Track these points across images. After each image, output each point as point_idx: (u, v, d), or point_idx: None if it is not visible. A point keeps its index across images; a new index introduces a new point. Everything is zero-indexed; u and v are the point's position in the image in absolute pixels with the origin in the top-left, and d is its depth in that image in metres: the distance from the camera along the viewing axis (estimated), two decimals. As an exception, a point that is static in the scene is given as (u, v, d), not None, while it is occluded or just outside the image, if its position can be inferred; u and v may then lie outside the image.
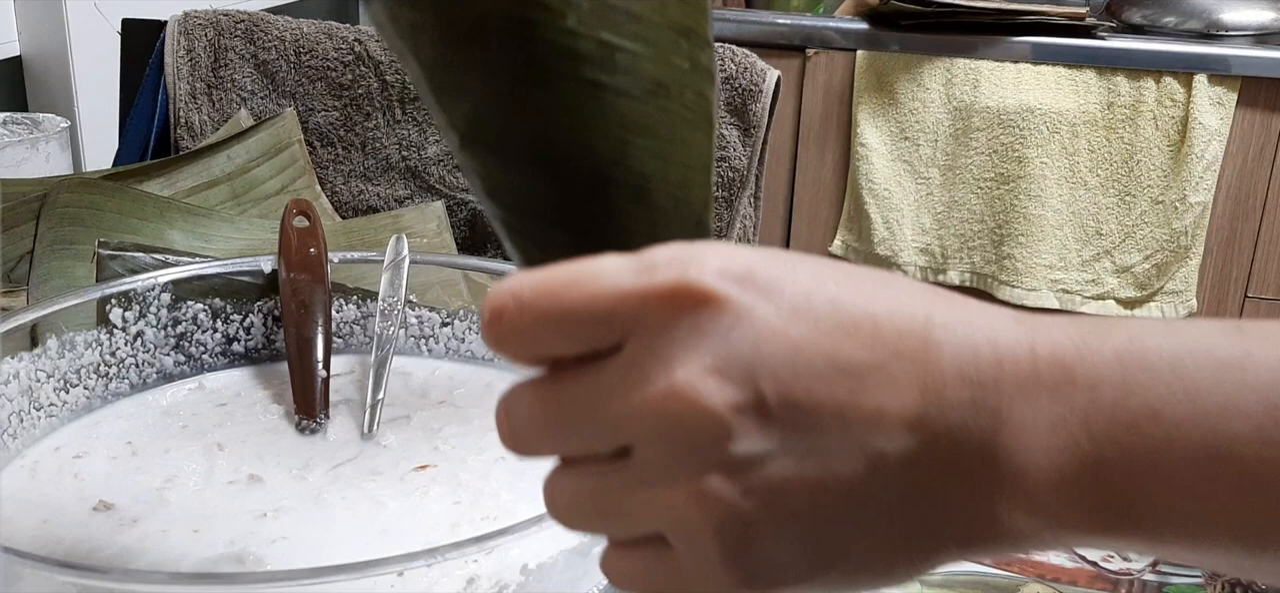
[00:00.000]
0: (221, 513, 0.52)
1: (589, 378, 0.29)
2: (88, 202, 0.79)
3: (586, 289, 0.28)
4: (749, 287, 0.28)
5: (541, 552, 0.44)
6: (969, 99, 1.71)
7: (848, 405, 0.28)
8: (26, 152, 0.96)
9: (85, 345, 0.62)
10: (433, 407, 0.63)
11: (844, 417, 0.28)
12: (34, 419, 0.59)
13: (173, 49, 1.06)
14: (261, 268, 0.67)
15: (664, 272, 0.28)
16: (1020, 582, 0.59)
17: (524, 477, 0.56)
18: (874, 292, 0.29)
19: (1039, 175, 1.70)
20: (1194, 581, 0.60)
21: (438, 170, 1.09)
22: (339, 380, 0.65)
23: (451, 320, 0.69)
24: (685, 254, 0.28)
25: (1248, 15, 1.74)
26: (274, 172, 0.98)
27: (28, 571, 0.40)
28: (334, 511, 0.52)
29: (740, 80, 1.06)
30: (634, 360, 0.28)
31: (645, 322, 0.28)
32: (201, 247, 0.81)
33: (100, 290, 0.63)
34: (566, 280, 0.29)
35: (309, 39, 1.07)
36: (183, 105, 1.06)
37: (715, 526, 0.28)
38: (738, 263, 0.28)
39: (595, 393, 0.29)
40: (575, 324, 0.29)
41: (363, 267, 0.70)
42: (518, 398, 0.31)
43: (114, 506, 0.53)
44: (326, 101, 1.08)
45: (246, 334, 0.68)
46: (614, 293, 0.28)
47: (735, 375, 0.28)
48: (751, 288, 0.28)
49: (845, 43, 1.77)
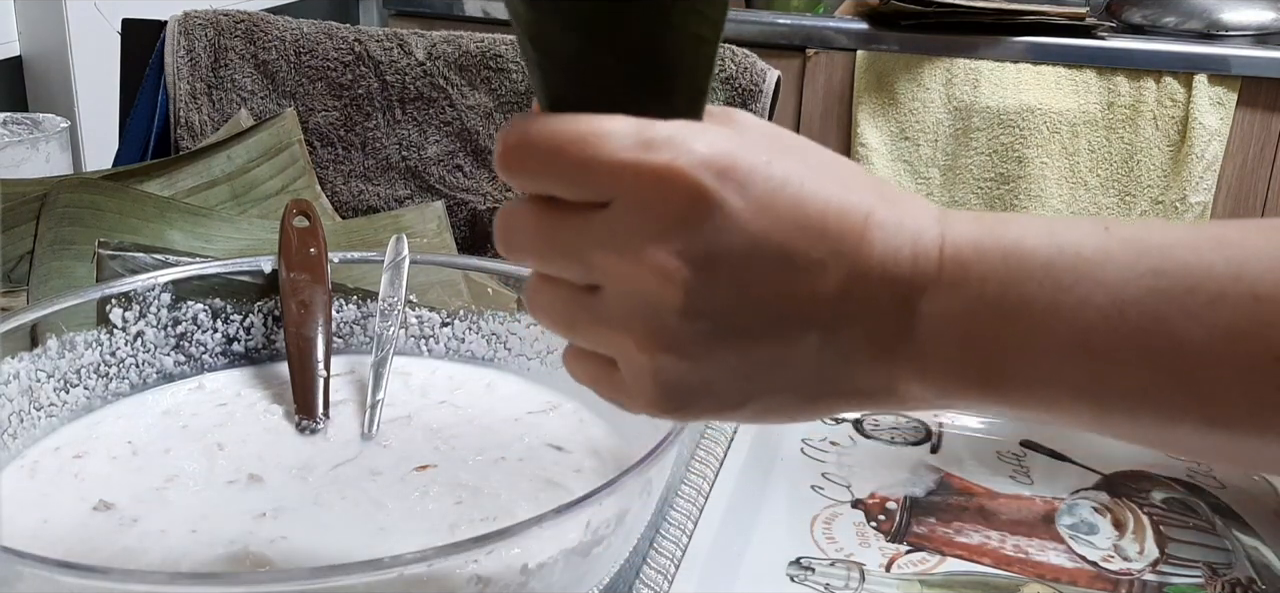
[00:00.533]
0: (221, 513, 0.52)
1: (578, 221, 0.34)
2: (88, 202, 0.79)
3: (588, 151, 0.33)
4: (726, 180, 0.33)
5: (541, 552, 0.44)
6: (969, 99, 1.71)
7: (785, 292, 0.34)
8: (26, 151, 0.96)
9: (85, 345, 0.62)
10: (433, 407, 0.63)
11: (781, 300, 0.34)
12: (34, 419, 0.59)
13: (173, 49, 1.06)
14: (262, 268, 0.67)
15: (658, 152, 0.33)
16: (1020, 582, 0.59)
17: (524, 477, 0.56)
18: (831, 186, 0.34)
19: (1039, 175, 1.70)
20: (1194, 580, 0.60)
21: (438, 170, 1.09)
22: (339, 381, 0.65)
23: (452, 320, 0.69)
24: (679, 137, 0.33)
25: (1248, 15, 1.74)
26: (274, 172, 0.98)
27: (27, 571, 0.40)
28: (334, 511, 0.52)
29: (740, 80, 1.06)
30: (616, 222, 0.33)
31: (632, 193, 0.33)
32: (202, 247, 0.81)
33: (100, 290, 0.63)
34: (573, 137, 0.33)
35: (309, 39, 1.07)
36: (183, 105, 1.06)
37: (654, 369, 0.35)
38: (721, 154, 0.33)
39: (580, 237, 0.34)
40: (574, 178, 0.34)
41: (363, 267, 0.70)
42: (517, 214, 0.35)
43: (114, 505, 0.53)
44: (326, 102, 1.08)
45: (247, 334, 0.68)
46: (611, 161, 0.33)
47: (697, 258, 0.33)
48: (728, 181, 0.33)
49: (845, 43, 1.76)
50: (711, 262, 0.33)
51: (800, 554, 0.61)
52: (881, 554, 0.61)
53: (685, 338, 0.34)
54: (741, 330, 0.34)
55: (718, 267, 0.33)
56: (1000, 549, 0.62)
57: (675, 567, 0.56)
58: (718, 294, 0.33)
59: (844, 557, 0.61)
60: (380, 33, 1.08)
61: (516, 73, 1.08)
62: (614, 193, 0.33)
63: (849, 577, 0.59)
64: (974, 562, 0.61)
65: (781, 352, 0.35)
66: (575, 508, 0.43)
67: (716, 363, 0.35)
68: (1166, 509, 0.67)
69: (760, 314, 0.34)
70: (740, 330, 0.34)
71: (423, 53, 1.07)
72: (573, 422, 0.62)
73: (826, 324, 0.34)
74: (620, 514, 0.47)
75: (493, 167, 1.10)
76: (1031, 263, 0.33)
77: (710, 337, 0.34)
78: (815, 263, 0.33)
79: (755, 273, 0.33)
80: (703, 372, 0.35)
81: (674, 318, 0.34)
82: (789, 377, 0.35)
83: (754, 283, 0.33)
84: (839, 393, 0.36)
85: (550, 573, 0.45)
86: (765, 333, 0.34)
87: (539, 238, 0.35)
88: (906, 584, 0.59)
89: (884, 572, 0.60)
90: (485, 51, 1.08)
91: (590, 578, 0.48)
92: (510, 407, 0.63)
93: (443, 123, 1.08)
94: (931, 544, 0.62)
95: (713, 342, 0.34)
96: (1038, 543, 0.63)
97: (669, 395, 0.35)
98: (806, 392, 0.36)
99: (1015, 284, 0.33)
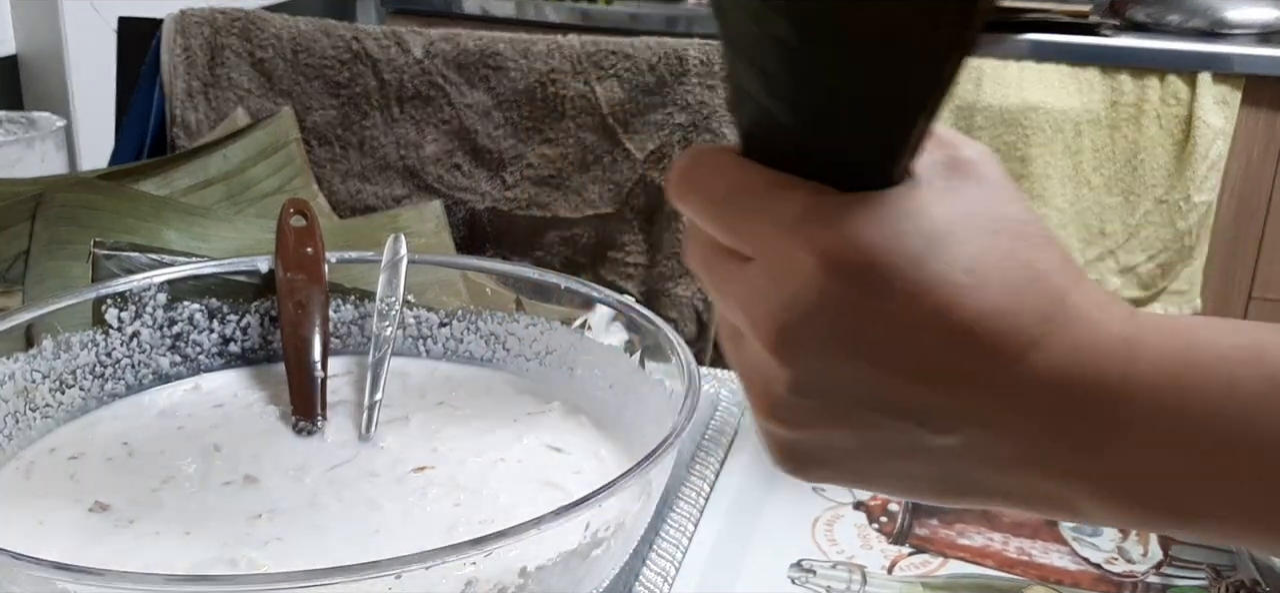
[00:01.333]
0: (217, 514, 0.52)
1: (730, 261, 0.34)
2: (83, 201, 0.79)
3: (739, 207, 0.33)
4: (864, 276, 0.31)
5: (540, 554, 0.44)
6: (971, 97, 1.70)
7: (917, 398, 0.33)
8: (22, 151, 0.96)
9: (81, 346, 0.61)
10: (431, 408, 0.63)
11: (907, 402, 0.33)
12: (30, 420, 0.59)
13: (169, 47, 1.05)
14: (258, 268, 0.67)
15: (800, 232, 0.32)
16: (1023, 584, 0.59)
17: (523, 479, 0.55)
18: (998, 294, 0.32)
19: (1042, 174, 1.70)
20: (1197, 582, 0.60)
21: (435, 169, 1.08)
22: (336, 381, 0.64)
23: (449, 320, 0.68)
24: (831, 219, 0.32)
25: (1252, 13, 1.74)
26: (271, 171, 0.98)
27: (23, 572, 0.39)
28: (330, 512, 0.52)
29: (741, 78, 1.06)
30: (752, 281, 0.33)
31: (768, 262, 0.33)
32: (198, 246, 0.81)
33: (96, 291, 0.63)
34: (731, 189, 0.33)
35: (306, 37, 1.07)
36: (179, 104, 1.06)
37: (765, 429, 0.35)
38: (867, 248, 0.31)
39: (726, 278, 0.34)
40: (724, 228, 0.34)
41: (360, 266, 0.69)
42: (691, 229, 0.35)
43: (110, 507, 0.52)
44: (324, 100, 1.08)
45: (243, 335, 0.67)
46: (756, 226, 0.33)
47: (812, 343, 0.32)
48: (865, 278, 0.31)
49: (846, 41, 1.76)
50: (828, 349, 0.32)
51: (801, 557, 0.61)
52: (883, 557, 0.61)
53: (793, 411, 0.34)
54: (855, 420, 0.34)
55: (835, 356, 0.32)
56: (1003, 552, 0.62)
57: (675, 569, 0.56)
58: (832, 381, 0.33)
59: (845, 559, 0.61)
60: (378, 31, 1.07)
61: (515, 71, 1.08)
62: (755, 255, 0.33)
63: (850, 579, 0.59)
64: (977, 564, 0.60)
65: (904, 446, 0.34)
66: (574, 510, 0.43)
67: (828, 440, 0.34)
68: (1171, 510, 0.66)
69: (883, 410, 0.33)
70: (854, 419, 0.34)
71: (420, 51, 1.06)
72: (572, 423, 0.61)
73: (967, 433, 0.33)
74: (620, 516, 0.47)
75: (490, 166, 1.10)
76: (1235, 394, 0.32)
77: (819, 416, 0.34)
78: (961, 375, 0.32)
79: (881, 372, 0.32)
80: (812, 444, 0.35)
81: (783, 389, 0.33)
82: (920, 469, 0.35)
83: (877, 382, 0.33)
84: (991, 493, 0.35)
85: (549, 576, 0.44)
86: (885, 427, 0.33)
87: (701, 260, 0.36)
88: (908, 587, 0.59)
89: (886, 574, 0.59)
90: (484, 50, 1.07)
91: (589, 581, 0.47)
92: (509, 407, 0.63)
93: (441, 121, 1.08)
94: (934, 547, 0.62)
95: (822, 421, 0.34)
96: (1041, 545, 0.62)
97: (781, 457, 0.36)
98: (946, 486, 0.35)
99: (1216, 417, 0.32)
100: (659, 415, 0.55)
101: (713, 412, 0.73)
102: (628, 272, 1.10)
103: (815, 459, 0.35)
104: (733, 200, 0.33)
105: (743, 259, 0.34)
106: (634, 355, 0.61)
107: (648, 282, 1.10)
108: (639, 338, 0.61)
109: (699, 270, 0.36)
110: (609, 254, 1.10)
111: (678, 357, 0.56)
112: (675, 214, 1.08)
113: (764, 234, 0.33)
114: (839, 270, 0.31)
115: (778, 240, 0.32)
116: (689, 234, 0.36)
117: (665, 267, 1.09)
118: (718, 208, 0.34)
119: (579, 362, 0.64)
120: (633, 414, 0.59)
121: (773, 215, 0.32)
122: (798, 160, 0.33)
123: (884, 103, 0.31)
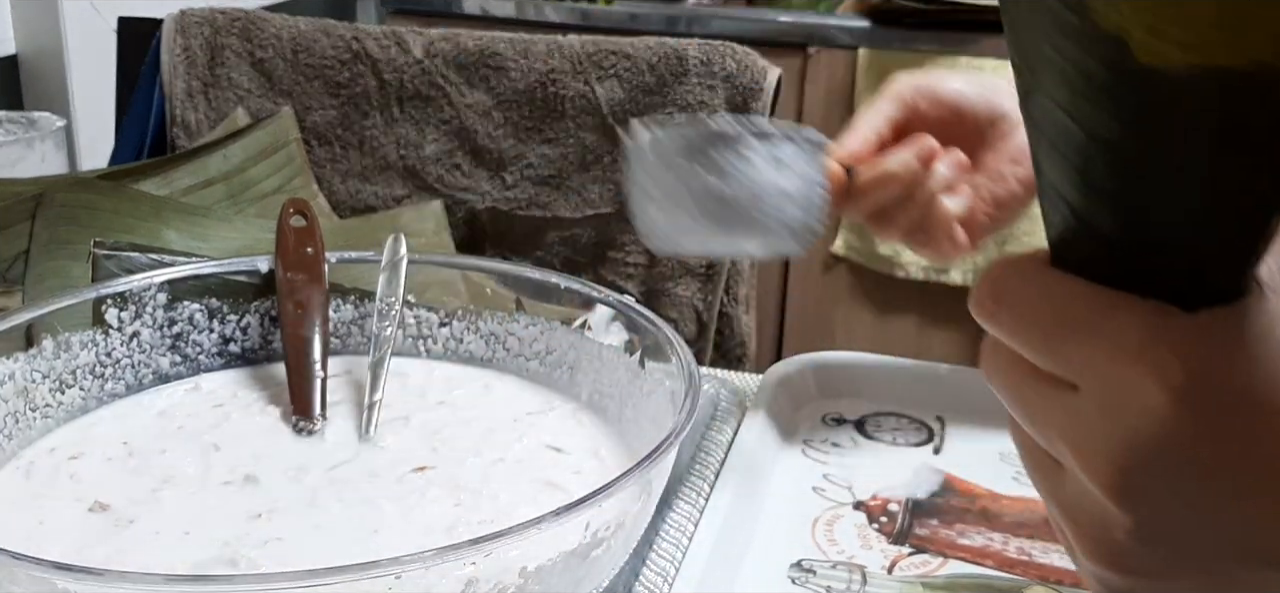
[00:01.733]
0: (216, 514, 0.52)
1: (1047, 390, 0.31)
2: (83, 201, 0.79)
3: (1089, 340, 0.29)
4: (1234, 413, 0.28)
5: (540, 554, 0.44)
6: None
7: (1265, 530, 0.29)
8: (22, 151, 0.96)
9: (81, 346, 0.61)
10: (431, 408, 0.63)
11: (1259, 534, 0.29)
12: (29, 420, 0.59)
13: (169, 47, 1.05)
14: (258, 268, 0.67)
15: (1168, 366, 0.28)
16: (1024, 585, 0.59)
17: (523, 479, 0.55)
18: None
19: (1040, 174, 1.70)
20: (1199, 582, 0.60)
21: (436, 169, 1.08)
22: (336, 381, 0.64)
23: (450, 321, 0.68)
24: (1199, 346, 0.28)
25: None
26: (271, 171, 0.98)
27: (22, 572, 0.39)
28: (330, 512, 0.52)
29: (741, 79, 1.06)
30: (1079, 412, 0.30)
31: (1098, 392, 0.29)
32: (198, 246, 0.81)
33: (96, 290, 0.63)
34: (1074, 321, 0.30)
35: (306, 37, 1.07)
36: (179, 104, 1.06)
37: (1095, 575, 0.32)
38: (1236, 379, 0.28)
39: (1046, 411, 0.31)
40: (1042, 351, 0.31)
41: (360, 266, 0.69)
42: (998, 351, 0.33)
43: (110, 507, 0.52)
44: (324, 100, 1.08)
45: (243, 335, 0.67)
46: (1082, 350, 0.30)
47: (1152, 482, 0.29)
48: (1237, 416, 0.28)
49: (847, 40, 1.76)
50: (1180, 493, 0.29)
51: (801, 557, 0.61)
52: (883, 557, 0.61)
53: (1133, 559, 0.31)
54: (1209, 568, 0.30)
55: (1190, 500, 0.29)
56: (1003, 552, 0.62)
57: (675, 569, 0.56)
58: (1184, 526, 0.30)
59: (845, 559, 0.61)
60: (378, 31, 1.08)
61: (515, 71, 1.08)
62: (1083, 384, 0.30)
63: (850, 579, 0.59)
64: (977, 564, 0.60)
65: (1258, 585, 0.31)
66: (574, 510, 0.43)
67: (1169, 589, 0.32)
68: (1170, 510, 0.66)
69: (1245, 559, 0.30)
70: (1208, 568, 0.30)
71: (421, 51, 1.06)
72: (572, 423, 0.61)
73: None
74: (620, 516, 0.47)
75: (490, 166, 1.10)
76: None
77: (1164, 563, 0.31)
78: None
79: (1247, 517, 0.29)
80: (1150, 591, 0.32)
81: (1123, 536, 0.30)
82: None
83: (1241, 528, 0.29)
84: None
85: (549, 575, 0.44)
86: (1241, 576, 0.30)
87: (1009, 384, 0.33)
88: (908, 587, 0.59)
89: (886, 574, 0.59)
90: (484, 50, 1.07)
91: (589, 581, 0.47)
92: (509, 407, 0.63)
93: (441, 121, 1.08)
94: (934, 547, 0.62)
95: (1167, 568, 0.31)
96: (1041, 546, 0.62)
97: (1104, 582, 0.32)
98: None
99: None
100: (659, 415, 0.55)
101: (713, 412, 0.73)
102: (628, 272, 1.10)
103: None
104: (1058, 323, 0.30)
105: (1066, 387, 0.30)
106: (634, 355, 0.61)
107: (648, 282, 1.10)
108: (639, 338, 0.61)
109: (1005, 393, 0.33)
110: (609, 254, 1.10)
111: (678, 357, 0.56)
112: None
113: (1098, 363, 0.29)
114: (1194, 403, 0.28)
115: (1115, 370, 0.29)
116: (992, 351, 0.33)
117: (665, 267, 1.09)
118: (1039, 331, 0.31)
119: (579, 362, 0.64)
120: (633, 414, 0.59)
121: (1109, 341, 0.29)
122: (1125, 272, 0.29)
123: (1234, 197, 0.27)
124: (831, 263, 1.87)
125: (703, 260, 1.08)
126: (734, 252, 0.58)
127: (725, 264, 1.08)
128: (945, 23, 1.70)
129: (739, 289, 1.11)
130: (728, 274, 1.09)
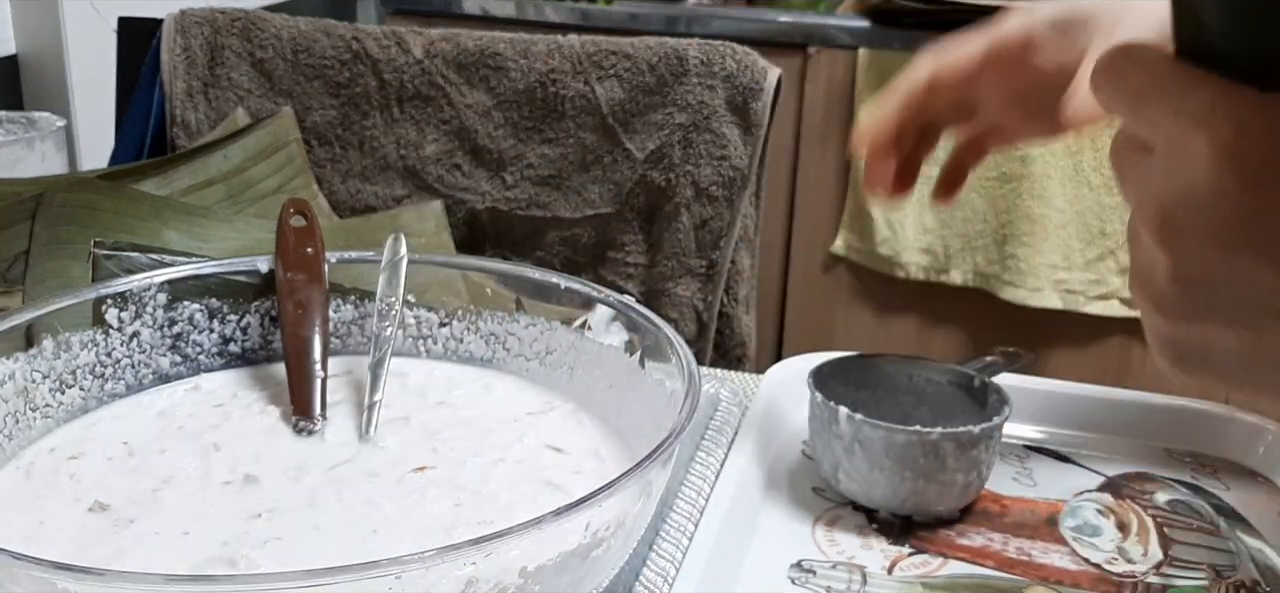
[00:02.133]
0: (216, 514, 0.52)
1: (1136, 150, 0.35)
2: (83, 201, 0.79)
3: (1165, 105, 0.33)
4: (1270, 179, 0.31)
5: (540, 554, 0.44)
6: (970, 97, 1.70)
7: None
8: (22, 151, 0.96)
9: (81, 346, 0.61)
10: (431, 408, 0.63)
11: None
12: (29, 420, 0.59)
13: (169, 47, 1.05)
14: (258, 268, 0.67)
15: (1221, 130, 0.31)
16: (1023, 585, 0.59)
17: (523, 479, 0.55)
18: None
19: (1042, 175, 1.70)
20: (1198, 582, 0.60)
21: (436, 169, 1.08)
22: (336, 381, 0.64)
23: (450, 321, 0.68)
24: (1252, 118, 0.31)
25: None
26: (271, 171, 0.98)
27: (22, 572, 0.39)
28: (330, 512, 0.52)
29: (741, 79, 1.06)
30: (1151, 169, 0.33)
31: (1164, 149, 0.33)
32: (198, 246, 0.81)
33: (96, 291, 0.63)
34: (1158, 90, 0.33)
35: (306, 37, 1.07)
36: (179, 104, 1.06)
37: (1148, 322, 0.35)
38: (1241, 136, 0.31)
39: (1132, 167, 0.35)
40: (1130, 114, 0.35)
41: (360, 266, 0.69)
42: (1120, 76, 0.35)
43: (110, 507, 0.52)
44: (324, 100, 1.08)
45: (243, 335, 0.67)
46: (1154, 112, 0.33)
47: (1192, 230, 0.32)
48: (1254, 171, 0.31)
49: (847, 40, 1.76)
50: (1215, 242, 0.32)
51: (801, 557, 0.61)
52: (883, 557, 0.61)
53: (1173, 302, 0.34)
54: (1243, 320, 0.33)
55: (1224, 250, 0.32)
56: (1003, 552, 0.62)
57: (675, 569, 0.56)
58: (1218, 275, 0.32)
59: (845, 559, 0.61)
60: (378, 31, 1.08)
61: (515, 71, 1.08)
62: (1157, 145, 0.33)
63: (851, 580, 0.59)
64: (977, 564, 0.60)
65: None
66: (574, 510, 0.43)
67: (1211, 338, 0.34)
68: (1170, 511, 0.66)
69: (1257, 308, 0.33)
70: (1242, 320, 0.33)
71: (421, 51, 1.06)
72: (572, 423, 0.61)
73: None
74: (620, 516, 0.47)
75: (490, 166, 1.10)
76: None
77: (1202, 310, 0.33)
78: None
79: (1252, 264, 0.32)
80: (1194, 340, 0.34)
81: (1162, 276, 0.33)
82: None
83: (1270, 283, 0.32)
84: None
85: (549, 575, 0.44)
86: (1275, 331, 0.33)
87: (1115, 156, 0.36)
88: (908, 587, 0.59)
89: (886, 575, 0.59)
90: (484, 50, 1.07)
91: (589, 581, 0.47)
92: (509, 408, 0.63)
93: (441, 121, 1.08)
94: (934, 547, 0.62)
95: (1206, 316, 0.33)
96: (1041, 546, 0.62)
97: (1162, 350, 0.35)
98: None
99: None
100: (659, 415, 0.55)
101: (713, 412, 0.73)
102: (628, 272, 1.10)
103: (1197, 356, 0.35)
104: (1146, 90, 0.34)
105: (1149, 150, 0.34)
106: (634, 355, 0.61)
107: (648, 282, 1.10)
108: (639, 338, 0.61)
109: (1111, 162, 0.37)
110: (609, 254, 1.10)
111: (678, 357, 0.56)
112: (675, 214, 1.08)
113: (1167, 124, 0.33)
114: (1239, 164, 0.31)
115: (1179, 130, 0.32)
116: (1114, 139, 0.36)
117: (665, 267, 1.09)
118: (1130, 98, 0.34)
119: (579, 362, 0.64)
120: (633, 414, 0.59)
121: (1178, 105, 0.32)
122: (1221, 63, 0.32)
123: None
124: (831, 263, 1.87)
125: (702, 260, 1.08)
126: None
127: (725, 264, 1.08)
128: (945, 23, 1.69)
129: (739, 289, 1.11)
130: (728, 274, 1.09)
